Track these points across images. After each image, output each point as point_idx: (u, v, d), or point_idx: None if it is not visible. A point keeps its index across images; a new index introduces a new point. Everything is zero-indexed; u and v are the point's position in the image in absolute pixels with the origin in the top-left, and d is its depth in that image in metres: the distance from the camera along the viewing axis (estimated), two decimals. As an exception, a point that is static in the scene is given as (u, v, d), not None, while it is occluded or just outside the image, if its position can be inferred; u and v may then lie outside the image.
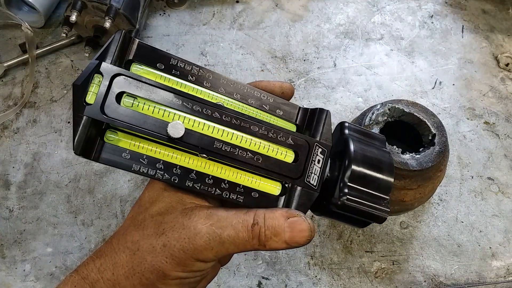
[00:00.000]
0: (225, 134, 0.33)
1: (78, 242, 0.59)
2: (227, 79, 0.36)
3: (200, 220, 0.32)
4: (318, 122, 0.36)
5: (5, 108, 0.68)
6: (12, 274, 0.57)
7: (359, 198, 0.34)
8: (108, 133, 0.32)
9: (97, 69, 0.30)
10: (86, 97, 0.30)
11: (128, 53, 0.33)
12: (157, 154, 0.32)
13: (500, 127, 0.70)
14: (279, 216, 0.32)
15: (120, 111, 0.31)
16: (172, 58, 0.34)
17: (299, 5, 0.81)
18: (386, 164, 0.36)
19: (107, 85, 0.30)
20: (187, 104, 0.32)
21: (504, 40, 0.78)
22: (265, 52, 0.75)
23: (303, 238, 0.32)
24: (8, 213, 0.61)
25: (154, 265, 0.31)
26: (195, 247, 0.31)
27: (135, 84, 0.31)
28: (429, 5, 0.81)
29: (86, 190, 0.63)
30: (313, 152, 0.35)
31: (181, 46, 0.75)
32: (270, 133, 0.34)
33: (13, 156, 0.65)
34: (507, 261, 0.60)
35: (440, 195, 0.64)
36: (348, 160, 0.35)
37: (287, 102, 0.38)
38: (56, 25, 0.75)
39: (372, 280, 0.59)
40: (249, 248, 0.32)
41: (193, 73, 0.35)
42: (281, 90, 0.38)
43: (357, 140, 0.37)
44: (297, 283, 0.58)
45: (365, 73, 0.74)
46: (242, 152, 0.33)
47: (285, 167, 0.34)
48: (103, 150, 0.31)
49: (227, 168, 0.34)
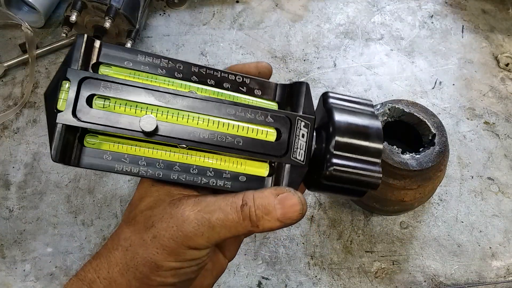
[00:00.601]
0: (200, 121, 0.32)
1: (78, 242, 0.59)
2: (199, 66, 0.35)
3: (187, 207, 0.31)
4: (298, 95, 0.35)
5: (5, 108, 0.68)
6: (12, 274, 0.57)
7: (347, 166, 0.33)
8: (87, 138, 0.32)
9: (64, 76, 0.31)
10: (57, 104, 0.30)
11: (93, 55, 0.33)
12: (138, 151, 0.33)
13: (500, 127, 0.70)
14: (268, 195, 0.32)
15: (92, 113, 0.31)
16: (139, 54, 0.34)
17: (299, 5, 0.81)
18: (374, 129, 0.35)
19: (76, 89, 0.30)
20: (158, 98, 0.32)
21: (504, 40, 0.78)
22: (265, 52, 0.75)
23: (295, 212, 0.32)
24: (8, 213, 0.61)
25: (146, 258, 0.31)
26: (185, 234, 0.30)
27: (104, 85, 0.31)
28: (429, 5, 0.81)
29: (86, 190, 0.63)
30: (296, 127, 0.34)
31: (181, 46, 0.75)
32: (248, 113, 0.33)
33: (13, 156, 0.65)
34: (507, 261, 0.60)
35: (440, 195, 0.64)
36: (332, 128, 0.34)
37: (265, 81, 0.37)
38: (56, 25, 0.75)
39: (372, 280, 0.59)
40: (241, 231, 0.32)
41: (162, 66, 0.34)
42: (257, 70, 0.37)
43: (341, 108, 0.35)
44: (297, 283, 0.58)
45: (365, 73, 0.74)
46: (221, 137, 0.33)
47: (268, 146, 0.34)
48: (83, 155, 0.32)
49: (210, 156, 0.34)
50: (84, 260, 0.58)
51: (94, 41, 0.33)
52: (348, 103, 0.36)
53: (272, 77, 0.78)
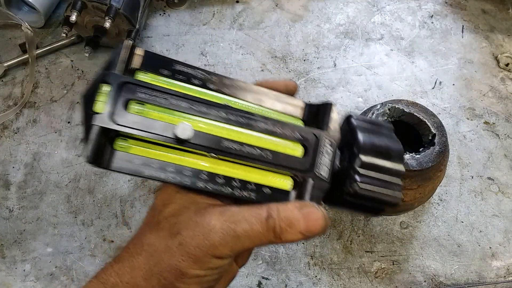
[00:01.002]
0: (232, 132, 0.33)
1: (78, 242, 0.59)
2: (232, 79, 0.36)
3: (213, 216, 0.32)
4: (324, 115, 0.37)
5: (5, 108, 0.68)
6: (12, 274, 0.57)
7: (371, 184, 0.34)
8: (118, 141, 0.33)
9: (104, 79, 0.31)
10: (94, 106, 0.31)
11: (133, 61, 0.34)
12: (167, 157, 0.33)
13: (500, 127, 0.70)
14: (293, 208, 0.32)
15: (128, 118, 0.31)
16: (176, 63, 0.35)
17: (299, 5, 0.81)
18: (396, 151, 0.36)
19: (114, 93, 0.31)
20: (193, 107, 0.33)
21: (504, 40, 0.78)
22: (265, 52, 0.75)
23: (318, 226, 0.32)
24: (8, 213, 0.61)
25: (171, 264, 0.31)
26: (211, 243, 0.31)
27: (142, 91, 0.32)
28: (429, 5, 0.81)
29: (86, 190, 0.63)
30: (322, 144, 0.35)
31: (181, 46, 0.75)
32: (277, 128, 0.34)
33: (13, 156, 0.65)
34: (507, 261, 0.60)
35: (440, 195, 0.64)
36: (357, 148, 0.35)
37: (293, 98, 0.38)
38: (56, 25, 0.75)
39: (372, 280, 0.59)
40: (264, 242, 0.32)
41: (197, 77, 0.35)
42: (285, 87, 0.39)
43: (364, 128, 0.37)
44: (297, 283, 0.58)
45: (365, 73, 0.74)
46: (251, 149, 0.33)
47: (295, 161, 0.34)
48: (114, 158, 0.32)
49: (237, 166, 0.34)
50: (84, 260, 0.58)
51: (136, 48, 0.34)
52: (370, 125, 0.38)
53: (272, 77, 0.78)
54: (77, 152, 0.65)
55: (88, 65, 0.72)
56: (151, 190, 0.63)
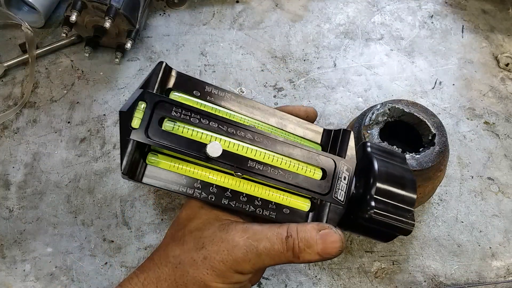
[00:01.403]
0: (258, 153, 0.35)
1: (78, 242, 0.59)
2: (257, 103, 0.39)
3: (237, 233, 0.33)
4: (342, 142, 0.39)
5: (5, 108, 0.68)
6: (12, 274, 0.57)
7: (386, 211, 0.36)
8: (149, 156, 0.35)
9: (141, 97, 0.33)
10: (132, 122, 0.33)
11: (168, 82, 0.36)
12: (195, 174, 0.35)
13: (500, 127, 0.70)
14: (311, 229, 0.34)
15: (162, 134, 0.33)
16: (207, 85, 0.37)
17: (299, 5, 0.81)
18: (409, 180, 0.38)
19: (151, 111, 0.33)
20: (222, 127, 0.35)
21: (504, 40, 0.78)
22: (265, 52, 0.75)
23: (335, 249, 0.34)
24: (8, 213, 0.61)
25: (196, 277, 0.32)
26: (234, 258, 0.32)
27: (175, 110, 0.34)
28: (429, 5, 0.81)
29: (86, 190, 0.63)
30: (339, 170, 0.37)
31: (181, 46, 0.75)
32: (299, 152, 0.37)
33: (13, 156, 0.65)
34: (507, 261, 0.60)
35: (440, 195, 0.64)
36: (373, 176, 0.37)
37: (312, 125, 0.41)
38: (56, 25, 0.75)
39: (372, 280, 0.59)
40: (283, 260, 0.34)
41: (225, 99, 0.38)
42: (305, 114, 0.41)
43: (380, 157, 0.39)
44: (297, 283, 0.58)
45: (365, 73, 0.74)
46: (274, 170, 0.35)
47: (314, 184, 0.37)
48: (146, 171, 0.34)
49: (260, 186, 0.36)
50: (84, 260, 0.58)
51: (172, 69, 0.37)
52: (384, 153, 0.40)
53: (272, 77, 0.78)
54: (77, 152, 0.65)
55: (88, 65, 0.72)
56: (151, 190, 0.63)
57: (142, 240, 0.60)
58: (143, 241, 0.60)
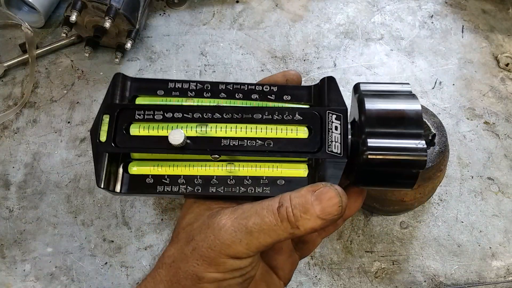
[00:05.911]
0: (228, 130, 0.34)
1: (78, 242, 0.59)
2: (226, 83, 0.36)
3: (224, 216, 0.31)
4: (329, 91, 0.35)
5: (5, 108, 0.68)
6: (12, 274, 0.57)
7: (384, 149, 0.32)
8: (131, 166, 0.35)
9: (104, 110, 0.34)
10: (99, 137, 0.33)
11: (130, 89, 0.36)
12: (176, 170, 0.35)
13: (500, 127, 0.70)
14: (305, 193, 0.31)
15: (130, 139, 0.34)
16: (169, 82, 0.36)
17: (299, 5, 0.81)
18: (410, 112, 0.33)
19: (114, 121, 0.34)
20: (187, 115, 0.34)
21: (504, 40, 0.78)
22: (265, 52, 0.75)
23: (334, 206, 0.30)
24: (8, 213, 0.61)
25: (187, 271, 0.31)
26: (222, 241, 0.30)
27: (138, 112, 0.34)
28: (429, 5, 0.81)
29: (86, 190, 0.63)
30: (328, 121, 0.34)
31: (181, 46, 0.75)
32: (275, 115, 0.34)
33: (13, 156, 0.65)
34: (507, 261, 0.60)
35: (440, 195, 0.64)
36: (364, 116, 0.33)
37: (294, 86, 0.37)
38: (56, 25, 0.75)
39: (372, 280, 0.59)
40: (282, 234, 0.30)
41: (191, 89, 0.36)
42: (284, 78, 0.37)
43: (373, 94, 0.35)
44: (297, 283, 0.58)
45: (365, 73, 0.74)
46: (251, 141, 0.33)
47: (301, 144, 0.33)
48: (128, 181, 0.34)
49: (246, 164, 0.34)
50: (84, 260, 0.58)
51: (130, 77, 0.36)
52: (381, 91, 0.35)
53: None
54: (77, 152, 0.65)
55: (88, 65, 0.72)
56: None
57: (142, 240, 0.60)
58: (143, 241, 0.60)
